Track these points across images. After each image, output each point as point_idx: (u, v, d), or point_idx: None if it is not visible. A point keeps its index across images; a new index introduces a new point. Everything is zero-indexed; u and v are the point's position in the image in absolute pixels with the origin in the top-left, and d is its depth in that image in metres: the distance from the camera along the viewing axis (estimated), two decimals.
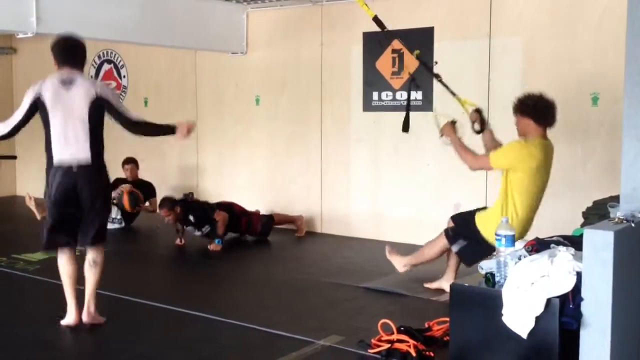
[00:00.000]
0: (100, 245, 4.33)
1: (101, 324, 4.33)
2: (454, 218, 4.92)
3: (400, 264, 5.14)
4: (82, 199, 4.15)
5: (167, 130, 4.40)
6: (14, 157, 8.04)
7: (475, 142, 4.90)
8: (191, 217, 6.62)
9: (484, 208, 4.89)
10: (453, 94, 4.92)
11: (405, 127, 5.12)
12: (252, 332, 4.18)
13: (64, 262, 4.30)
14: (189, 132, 4.39)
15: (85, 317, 4.30)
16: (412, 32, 6.54)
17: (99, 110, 4.18)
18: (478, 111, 4.83)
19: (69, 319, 4.29)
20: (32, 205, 7.34)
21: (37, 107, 4.15)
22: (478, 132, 4.85)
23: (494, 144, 4.82)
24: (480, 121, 4.83)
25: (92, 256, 4.32)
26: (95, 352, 4.04)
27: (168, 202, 6.68)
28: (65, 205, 4.16)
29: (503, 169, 4.52)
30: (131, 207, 7.36)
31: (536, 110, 4.49)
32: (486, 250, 4.45)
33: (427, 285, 5.02)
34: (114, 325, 4.38)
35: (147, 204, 7.71)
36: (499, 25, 6.14)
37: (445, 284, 4.78)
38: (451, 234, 4.80)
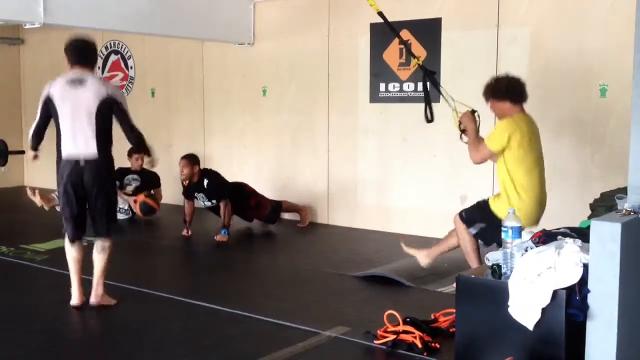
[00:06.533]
0: (111, 234, 4.54)
1: (111, 304, 4.49)
2: (465, 212, 4.85)
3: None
4: (89, 192, 4.35)
5: (146, 151, 4.75)
6: (22, 152, 8.08)
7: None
8: (205, 183, 6.67)
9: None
10: (449, 96, 4.87)
11: (428, 117, 5.02)
12: (258, 322, 4.19)
13: (71, 249, 4.48)
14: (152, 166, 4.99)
15: (93, 299, 4.46)
16: (420, 23, 6.52)
17: (108, 108, 4.36)
18: (473, 113, 4.79)
19: (74, 300, 4.46)
20: (37, 199, 7.36)
21: (49, 107, 4.35)
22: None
23: None
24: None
25: (101, 243, 4.50)
26: (102, 342, 4.06)
27: (192, 157, 6.76)
28: (76, 198, 4.36)
29: (502, 148, 4.49)
30: (143, 214, 7.40)
31: (509, 92, 4.57)
32: None
33: (406, 248, 5.13)
34: (119, 314, 4.41)
35: (151, 191, 7.74)
36: (507, 15, 6.10)
37: (424, 256, 4.99)
38: (466, 217, 4.74)
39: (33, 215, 7.76)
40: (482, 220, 4.67)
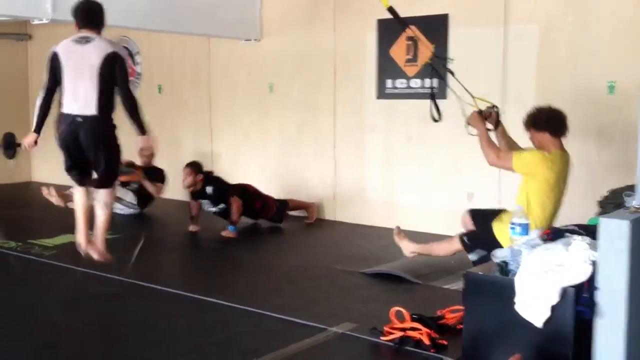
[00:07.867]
0: (109, 188, 4.58)
1: (104, 259, 4.64)
2: (473, 217, 4.79)
3: (408, 249, 5.07)
4: (86, 147, 4.36)
5: (139, 127, 4.48)
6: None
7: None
8: (209, 190, 6.66)
9: (501, 211, 4.71)
10: (467, 91, 4.83)
11: (434, 116, 4.92)
12: (265, 319, 4.20)
13: (79, 196, 4.57)
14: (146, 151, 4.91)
15: (92, 245, 4.59)
16: (427, 19, 6.50)
17: (112, 65, 4.33)
18: (493, 108, 4.75)
19: (78, 239, 4.58)
20: (53, 197, 7.36)
21: (55, 64, 4.37)
22: (490, 130, 4.76)
23: (506, 140, 4.77)
24: (495, 119, 4.75)
25: (101, 197, 4.55)
26: (107, 337, 4.07)
27: (195, 165, 6.77)
28: (71, 151, 4.40)
29: (523, 174, 4.43)
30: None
31: (549, 123, 4.46)
32: None
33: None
34: (127, 311, 4.42)
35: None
36: (515, 12, 6.08)
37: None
38: (468, 242, 4.63)
39: (41, 211, 7.78)
40: (483, 247, 4.49)
